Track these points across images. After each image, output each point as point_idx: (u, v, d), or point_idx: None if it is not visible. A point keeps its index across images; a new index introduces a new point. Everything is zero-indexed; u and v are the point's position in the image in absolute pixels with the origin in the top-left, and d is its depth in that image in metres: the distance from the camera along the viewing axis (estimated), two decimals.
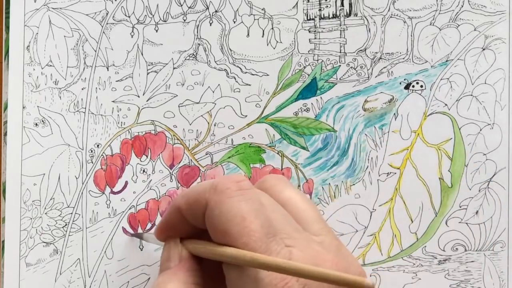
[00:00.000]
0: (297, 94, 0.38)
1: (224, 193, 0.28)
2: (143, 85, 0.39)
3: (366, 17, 0.38)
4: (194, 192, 0.30)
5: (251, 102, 0.39)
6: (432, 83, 0.38)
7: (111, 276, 0.38)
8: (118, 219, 0.38)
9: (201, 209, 0.29)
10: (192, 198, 0.29)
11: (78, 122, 0.39)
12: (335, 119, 0.38)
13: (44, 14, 0.39)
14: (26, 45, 0.39)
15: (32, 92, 0.39)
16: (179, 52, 0.39)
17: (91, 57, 0.39)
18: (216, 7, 0.39)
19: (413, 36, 0.38)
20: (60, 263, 0.38)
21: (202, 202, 0.29)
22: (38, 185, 0.38)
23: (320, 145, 0.38)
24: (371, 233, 0.38)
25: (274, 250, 0.27)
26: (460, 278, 0.38)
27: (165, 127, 0.39)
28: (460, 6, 0.38)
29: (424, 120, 0.38)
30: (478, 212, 0.38)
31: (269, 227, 0.28)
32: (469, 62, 0.38)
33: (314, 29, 0.39)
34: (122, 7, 0.39)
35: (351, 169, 0.38)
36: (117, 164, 0.39)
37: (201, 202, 0.29)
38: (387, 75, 0.38)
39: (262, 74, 0.38)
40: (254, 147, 0.39)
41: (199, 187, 0.30)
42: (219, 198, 0.28)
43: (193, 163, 0.39)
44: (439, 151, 0.38)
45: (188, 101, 0.39)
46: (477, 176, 0.38)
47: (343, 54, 0.38)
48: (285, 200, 0.31)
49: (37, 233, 0.38)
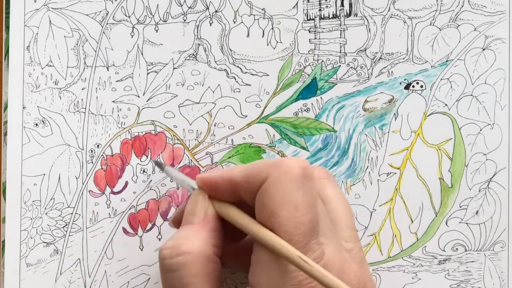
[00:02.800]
0: (297, 94, 0.38)
1: (287, 174, 0.27)
2: (143, 85, 0.39)
3: (366, 17, 0.38)
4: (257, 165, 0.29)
5: (251, 102, 0.39)
6: (432, 83, 0.38)
7: (111, 276, 0.38)
8: (118, 219, 0.38)
9: (258, 182, 0.28)
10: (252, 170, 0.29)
11: (78, 122, 0.39)
12: (335, 119, 0.38)
13: (44, 14, 0.39)
14: (26, 45, 0.39)
15: (32, 92, 0.39)
16: (179, 52, 0.39)
17: (91, 57, 0.39)
18: (216, 7, 0.39)
19: (413, 36, 0.38)
20: (60, 263, 0.38)
21: (262, 176, 0.28)
22: (38, 185, 0.38)
23: (320, 145, 0.38)
24: (371, 233, 0.38)
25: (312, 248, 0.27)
26: (460, 278, 0.38)
27: (165, 127, 0.39)
28: (460, 6, 0.38)
29: (424, 120, 0.38)
30: (478, 212, 0.38)
31: (315, 224, 0.27)
32: (469, 62, 0.38)
33: (314, 29, 0.39)
34: (122, 7, 0.39)
35: (351, 169, 0.38)
36: (117, 164, 0.39)
37: (261, 175, 0.28)
38: (387, 75, 0.38)
39: (262, 74, 0.38)
40: (254, 147, 0.39)
41: (262, 161, 0.29)
42: (281, 177, 0.27)
43: (193, 163, 0.39)
44: (439, 151, 0.38)
45: (188, 101, 0.39)
46: (477, 176, 0.38)
47: (343, 54, 0.38)
48: (326, 197, 0.31)
49: (37, 233, 0.38)
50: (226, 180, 0.30)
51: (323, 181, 0.32)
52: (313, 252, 0.27)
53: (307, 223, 0.27)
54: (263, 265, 0.28)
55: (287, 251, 0.26)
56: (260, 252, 0.28)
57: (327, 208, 0.30)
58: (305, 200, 0.27)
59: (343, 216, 0.31)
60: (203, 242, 0.29)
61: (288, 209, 0.27)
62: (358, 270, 0.28)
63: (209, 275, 0.28)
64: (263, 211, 0.28)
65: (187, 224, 0.30)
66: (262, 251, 0.28)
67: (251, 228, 0.28)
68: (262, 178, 0.28)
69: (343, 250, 0.29)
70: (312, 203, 0.28)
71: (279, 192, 0.27)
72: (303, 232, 0.27)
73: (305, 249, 0.27)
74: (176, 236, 0.30)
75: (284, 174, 0.28)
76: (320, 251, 0.27)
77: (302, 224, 0.27)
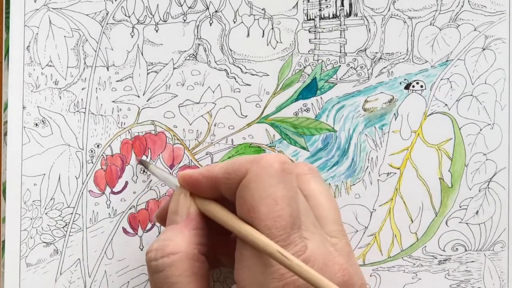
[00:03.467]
0: (297, 94, 0.38)
1: (267, 169, 0.28)
2: (143, 85, 0.39)
3: (366, 17, 0.38)
4: (237, 161, 0.29)
5: (251, 102, 0.39)
6: (432, 83, 0.38)
7: (111, 276, 0.38)
8: (118, 219, 0.38)
9: (238, 178, 0.28)
10: (233, 166, 0.29)
11: (78, 122, 0.39)
12: (335, 119, 0.38)
13: (44, 14, 0.39)
14: (26, 45, 0.39)
15: (32, 92, 0.39)
16: (179, 52, 0.39)
17: (91, 57, 0.39)
18: (216, 7, 0.39)
19: (413, 36, 0.38)
20: (60, 263, 0.38)
21: (242, 171, 0.28)
22: (38, 185, 0.38)
23: (320, 145, 0.38)
24: (371, 233, 0.38)
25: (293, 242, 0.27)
26: (460, 278, 0.38)
27: (165, 127, 0.39)
28: (460, 6, 0.38)
29: (424, 120, 0.38)
30: (478, 212, 0.38)
31: (296, 218, 0.27)
32: (469, 62, 0.38)
33: (314, 29, 0.39)
34: (122, 7, 0.39)
35: (351, 169, 0.38)
36: (117, 164, 0.39)
37: (240, 171, 0.28)
38: (387, 75, 0.38)
39: (262, 74, 0.38)
40: (254, 147, 0.39)
41: (243, 158, 0.29)
42: (260, 172, 0.28)
43: (193, 163, 0.39)
44: (439, 151, 0.38)
45: (188, 101, 0.39)
46: (477, 176, 0.38)
47: (343, 54, 0.38)
48: (309, 193, 0.31)
49: (37, 233, 0.38)
50: (207, 177, 0.30)
51: (306, 177, 0.32)
52: (294, 245, 0.27)
53: (287, 217, 0.27)
54: (246, 261, 0.28)
55: (265, 246, 0.26)
56: (243, 249, 0.28)
57: (311, 204, 0.30)
58: (285, 194, 0.27)
59: (328, 211, 0.31)
60: (187, 242, 0.30)
61: (268, 204, 0.27)
62: (344, 263, 0.28)
63: (195, 274, 0.29)
64: (243, 207, 0.28)
65: (171, 224, 0.31)
66: (244, 247, 0.28)
67: (231, 224, 0.28)
68: (242, 174, 0.28)
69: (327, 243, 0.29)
70: (292, 198, 0.28)
71: (258, 187, 0.27)
72: (283, 226, 0.27)
73: (285, 242, 0.27)
74: (161, 238, 0.30)
75: (263, 169, 0.28)
76: (302, 245, 0.27)
77: (281, 218, 0.27)
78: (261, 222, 0.27)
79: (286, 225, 0.27)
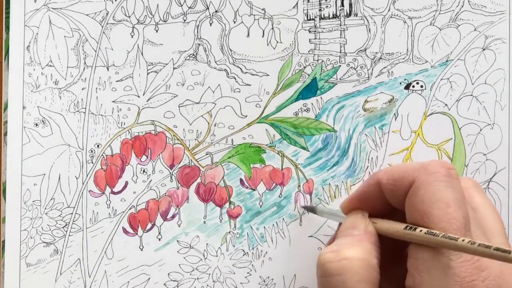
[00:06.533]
0: (297, 94, 0.38)
1: (434, 175, 0.28)
2: (143, 85, 0.39)
3: (366, 17, 0.38)
4: (402, 168, 0.30)
5: (251, 102, 0.39)
6: (432, 83, 0.38)
7: (111, 276, 0.38)
8: (118, 219, 0.38)
9: (405, 186, 0.29)
10: (398, 174, 0.29)
11: (78, 122, 0.39)
12: (335, 119, 0.38)
13: (44, 14, 0.39)
14: (26, 45, 0.39)
15: (32, 92, 0.39)
16: (179, 52, 0.39)
17: (91, 57, 0.39)
18: (216, 7, 0.39)
19: (413, 36, 0.38)
20: (60, 263, 0.38)
21: (409, 179, 0.29)
22: (38, 185, 0.38)
23: (320, 145, 0.38)
24: None
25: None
26: None
27: (165, 127, 0.39)
28: (460, 6, 0.38)
29: (424, 120, 0.38)
30: None
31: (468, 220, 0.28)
32: (469, 62, 0.38)
33: (314, 29, 0.39)
34: (122, 7, 0.39)
35: (351, 169, 0.38)
36: (117, 164, 0.39)
37: (407, 179, 0.29)
38: (387, 75, 0.38)
39: (262, 74, 0.38)
40: (254, 147, 0.39)
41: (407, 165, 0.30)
42: (428, 179, 0.28)
43: (193, 163, 0.39)
44: (439, 151, 0.38)
45: (188, 101, 0.39)
46: (477, 176, 0.38)
47: (343, 54, 0.38)
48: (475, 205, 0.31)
49: (37, 233, 0.38)
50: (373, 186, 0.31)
51: (470, 190, 0.32)
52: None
53: (461, 218, 0.27)
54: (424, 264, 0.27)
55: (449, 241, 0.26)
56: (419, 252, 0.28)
57: (477, 217, 0.30)
58: (455, 197, 0.28)
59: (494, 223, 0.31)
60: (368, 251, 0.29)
61: (440, 207, 0.27)
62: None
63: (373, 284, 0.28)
64: (414, 214, 0.28)
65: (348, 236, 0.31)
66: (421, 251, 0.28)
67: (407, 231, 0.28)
68: (408, 182, 0.29)
69: None
70: (461, 200, 0.28)
71: (428, 193, 0.28)
72: (458, 227, 0.27)
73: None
74: (339, 242, 0.30)
75: (431, 175, 0.28)
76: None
77: (456, 219, 0.27)
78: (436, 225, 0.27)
79: (460, 226, 0.27)
